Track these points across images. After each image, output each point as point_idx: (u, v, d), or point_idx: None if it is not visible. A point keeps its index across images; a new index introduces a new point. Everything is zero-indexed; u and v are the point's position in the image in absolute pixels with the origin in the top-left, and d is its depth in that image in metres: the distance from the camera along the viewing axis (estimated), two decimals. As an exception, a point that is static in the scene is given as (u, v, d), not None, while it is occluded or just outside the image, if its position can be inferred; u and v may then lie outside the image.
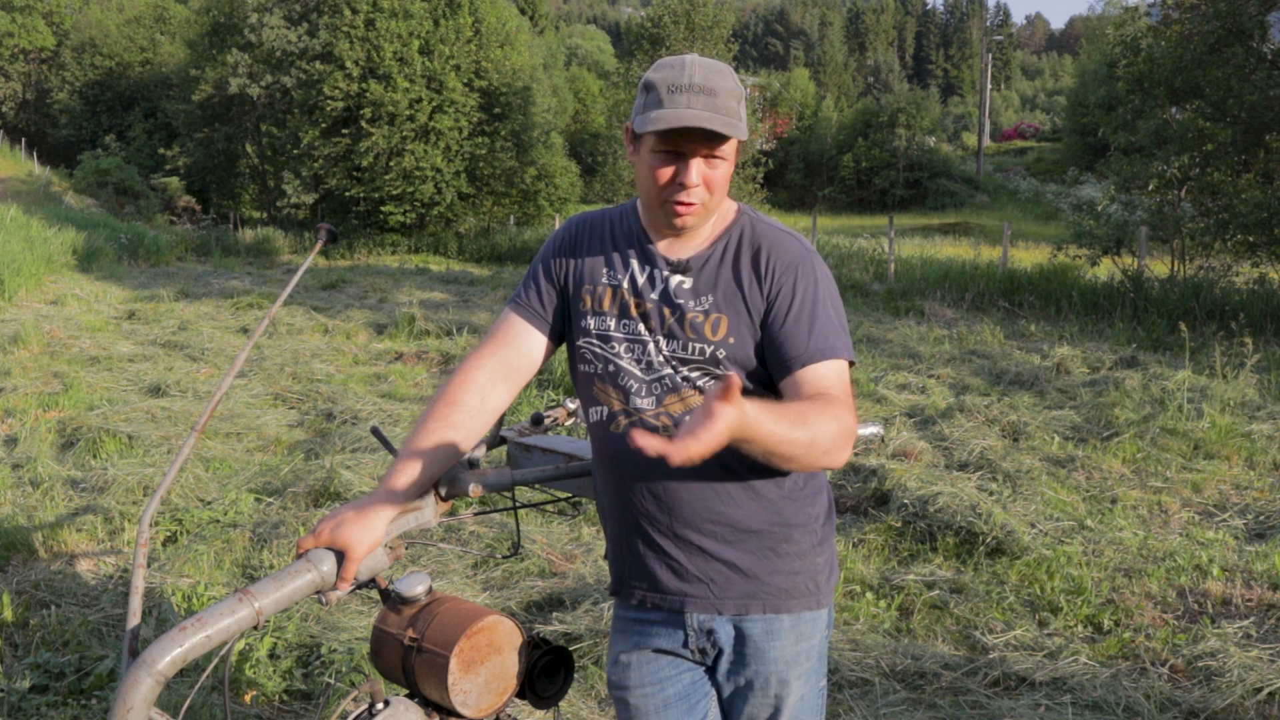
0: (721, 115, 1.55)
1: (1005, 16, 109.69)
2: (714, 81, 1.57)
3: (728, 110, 1.56)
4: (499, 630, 1.65)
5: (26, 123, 46.69)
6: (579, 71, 52.94)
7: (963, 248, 21.33)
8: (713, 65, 1.60)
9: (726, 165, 1.61)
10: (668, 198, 1.61)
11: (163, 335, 10.38)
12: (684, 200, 1.60)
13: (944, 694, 3.36)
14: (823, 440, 1.44)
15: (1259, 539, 4.83)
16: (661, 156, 1.59)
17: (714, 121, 1.53)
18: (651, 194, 1.63)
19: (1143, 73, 13.49)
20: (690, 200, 1.60)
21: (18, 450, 5.98)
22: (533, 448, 2.07)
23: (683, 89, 1.56)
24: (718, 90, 1.56)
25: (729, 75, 1.59)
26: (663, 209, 1.63)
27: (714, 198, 1.62)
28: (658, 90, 1.57)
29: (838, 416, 1.48)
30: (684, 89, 1.55)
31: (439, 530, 4.74)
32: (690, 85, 1.56)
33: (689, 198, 1.59)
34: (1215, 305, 11.35)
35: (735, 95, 1.58)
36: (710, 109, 1.55)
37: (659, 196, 1.62)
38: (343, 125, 28.83)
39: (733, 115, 1.57)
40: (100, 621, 3.72)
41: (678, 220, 1.62)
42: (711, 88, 1.56)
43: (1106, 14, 46.37)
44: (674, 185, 1.59)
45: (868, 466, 5.55)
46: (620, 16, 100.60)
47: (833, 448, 1.46)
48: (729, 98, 1.57)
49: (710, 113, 1.54)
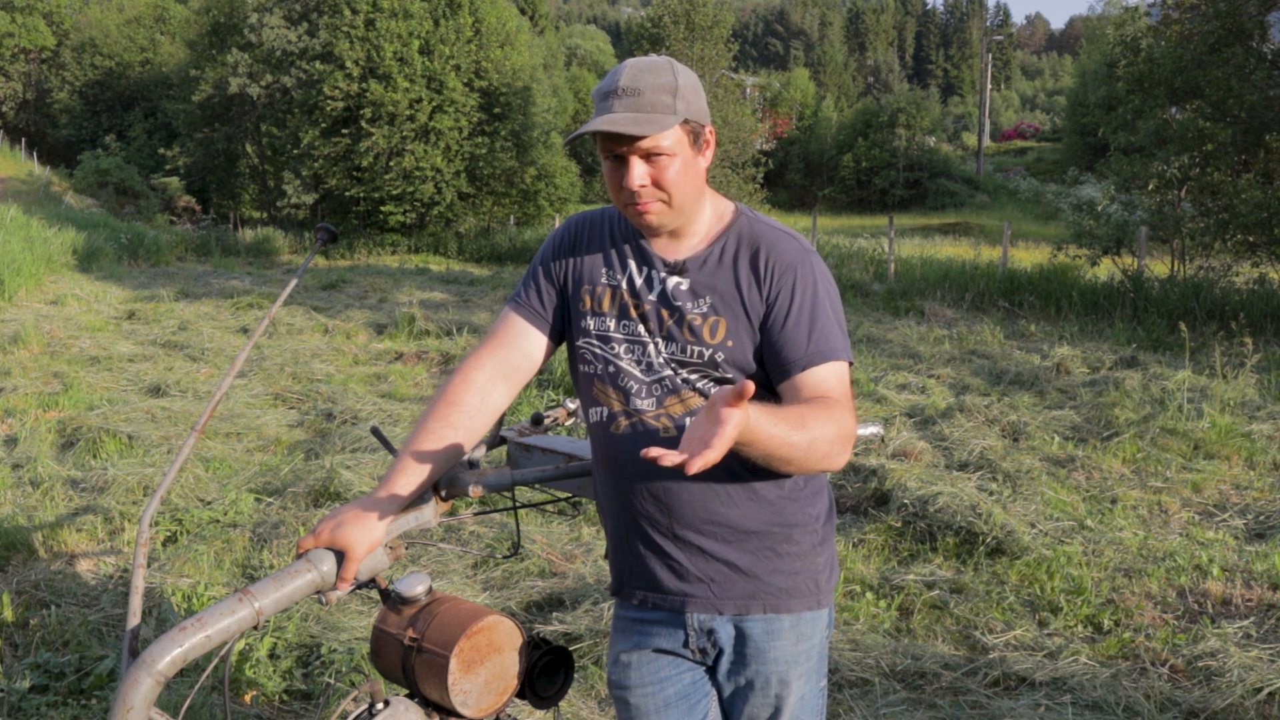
0: (642, 113, 1.53)
1: (1005, 16, 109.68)
2: (641, 80, 1.55)
3: (652, 106, 1.54)
4: (499, 630, 1.65)
5: (26, 123, 46.69)
6: (579, 71, 52.92)
7: (963, 248, 21.32)
8: (646, 64, 1.58)
9: (675, 160, 1.57)
10: (625, 202, 1.61)
11: (163, 335, 10.38)
12: (636, 201, 1.59)
13: (944, 694, 3.36)
14: (821, 444, 1.44)
15: (1259, 539, 4.82)
16: (610, 164, 1.59)
17: (620, 123, 1.52)
18: (614, 200, 1.64)
19: (1143, 73, 13.48)
20: (643, 200, 1.59)
21: (18, 450, 5.98)
22: (533, 448, 2.07)
23: (610, 94, 1.56)
24: (642, 89, 1.54)
25: (663, 70, 1.57)
26: (629, 214, 1.64)
27: (673, 195, 1.59)
28: (597, 99, 1.58)
29: (836, 420, 1.48)
30: (611, 94, 1.55)
31: (439, 530, 4.74)
32: (615, 89, 1.55)
33: (639, 199, 1.58)
34: (1215, 305, 11.35)
35: (667, 89, 1.56)
36: (632, 109, 1.53)
37: (619, 202, 1.63)
38: (343, 125, 28.83)
39: (660, 109, 1.54)
40: (100, 621, 3.72)
41: (642, 221, 1.62)
42: (636, 87, 1.54)
43: (1106, 14, 46.39)
44: (625, 190, 1.58)
45: (868, 466, 5.55)
46: (620, 16, 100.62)
47: (831, 451, 1.46)
48: (657, 93, 1.55)
49: (629, 113, 1.53)
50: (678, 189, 1.59)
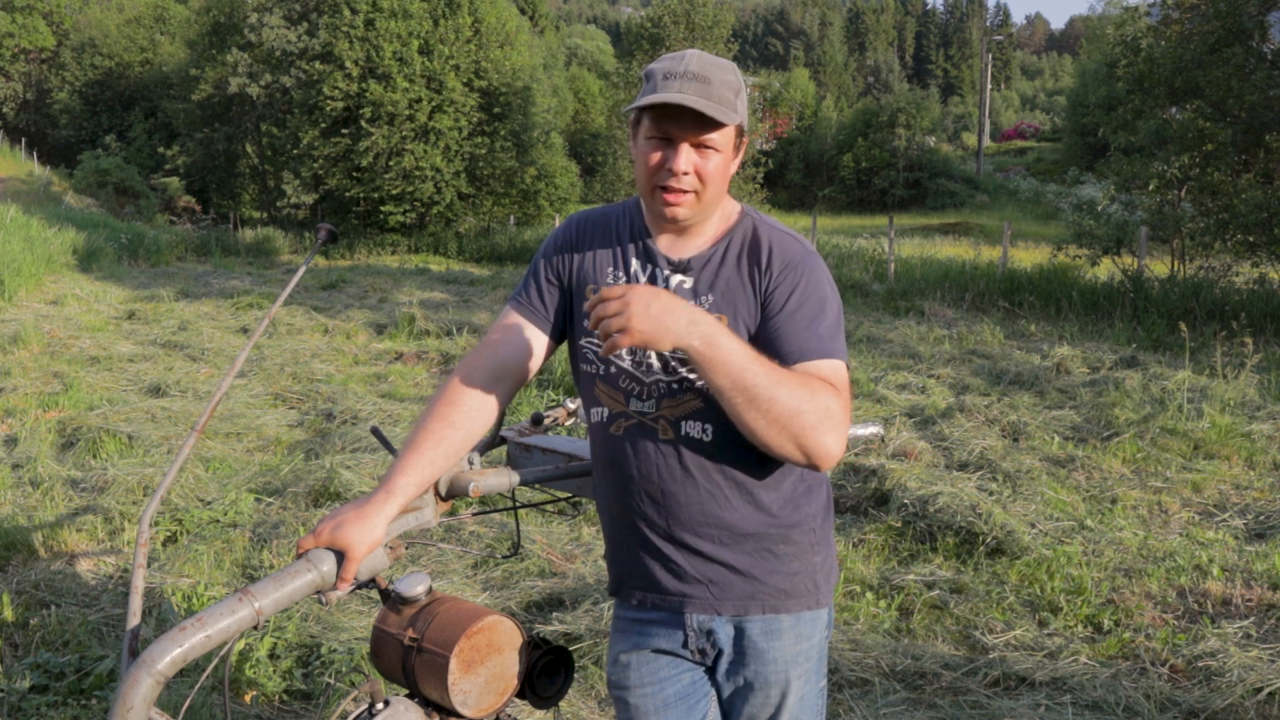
0: (712, 101, 1.54)
1: (1005, 16, 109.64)
2: (710, 72, 1.56)
3: (720, 98, 1.55)
4: (499, 630, 1.65)
5: (27, 123, 46.70)
6: (579, 71, 52.94)
7: (963, 248, 21.31)
8: (713, 59, 1.59)
9: (720, 157, 1.58)
10: (658, 183, 1.59)
11: (163, 335, 10.38)
12: (672, 187, 1.58)
13: (944, 694, 3.36)
14: (788, 401, 1.44)
15: (1259, 539, 4.82)
16: (653, 142, 1.58)
17: (700, 104, 1.52)
18: (644, 181, 1.62)
19: (1143, 73, 13.48)
20: (680, 188, 1.58)
21: (18, 450, 5.98)
22: (533, 448, 2.07)
23: (677, 75, 1.56)
24: (712, 79, 1.56)
25: (729, 69, 1.59)
26: (654, 197, 1.61)
27: (707, 190, 1.59)
28: (655, 77, 1.58)
29: (815, 390, 1.47)
30: (678, 75, 1.56)
31: (439, 530, 4.74)
32: (685, 73, 1.56)
33: (678, 184, 1.57)
34: (1215, 305, 11.35)
35: (732, 87, 1.57)
36: (701, 94, 1.54)
37: (650, 183, 1.60)
38: (343, 125, 28.85)
39: (726, 103, 1.56)
40: (100, 621, 3.72)
41: (668, 210, 1.60)
42: (706, 76, 1.56)
43: (1106, 14, 46.30)
44: (663, 171, 1.58)
45: (868, 466, 5.55)
46: (620, 16, 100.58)
47: (802, 416, 1.45)
48: (724, 88, 1.56)
49: (700, 97, 1.54)
50: (714, 185, 1.60)
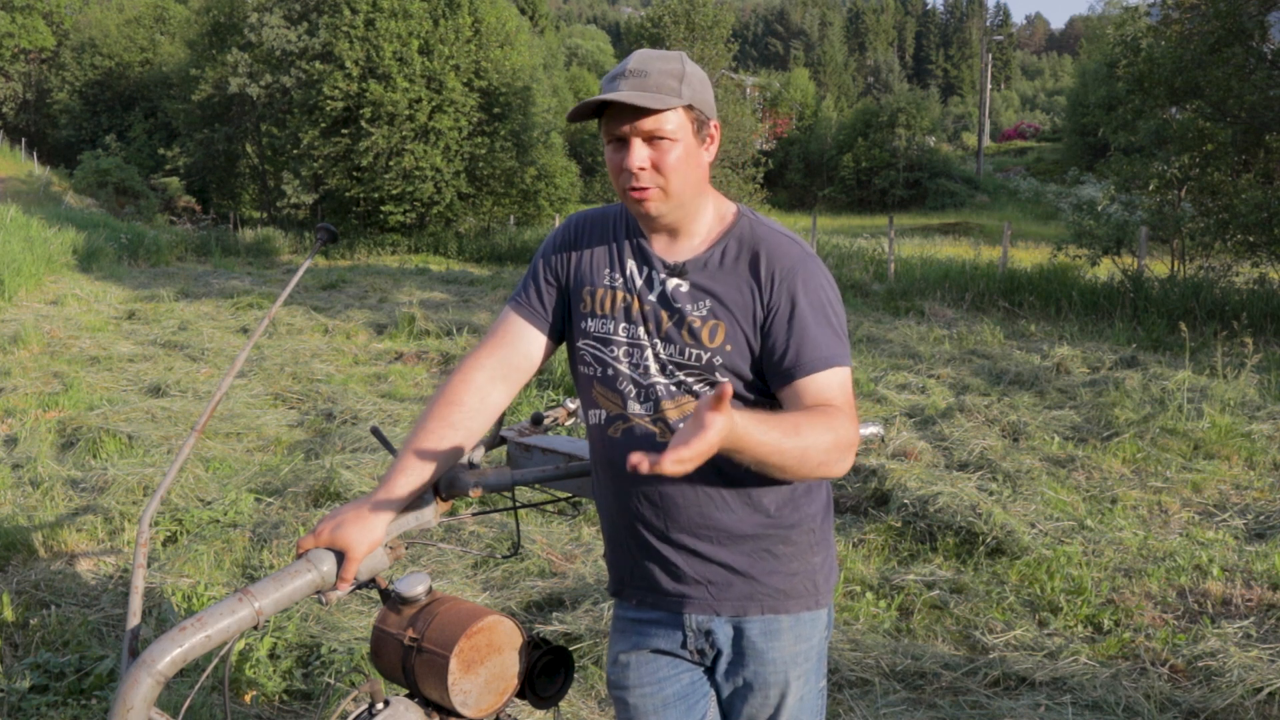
0: (649, 92, 1.54)
1: (1005, 16, 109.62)
2: (649, 65, 1.57)
3: (659, 86, 1.55)
4: (499, 630, 1.65)
5: (27, 123, 46.69)
6: (579, 71, 52.95)
7: (963, 248, 21.31)
8: (657, 53, 1.60)
9: (677, 147, 1.57)
10: (623, 186, 1.60)
11: (163, 335, 10.38)
12: (634, 186, 1.58)
13: (944, 694, 3.36)
14: (816, 451, 1.43)
15: (1259, 539, 4.82)
16: (612, 146, 1.60)
17: (632, 96, 1.52)
18: (615, 186, 1.63)
19: (1143, 73, 13.48)
20: (640, 185, 1.58)
21: (18, 450, 5.98)
22: (533, 448, 2.07)
23: (618, 76, 1.57)
24: (649, 71, 1.56)
25: (673, 59, 1.59)
26: (627, 200, 1.63)
27: (671, 181, 1.58)
28: (603, 85, 1.59)
29: (835, 428, 1.47)
30: (619, 76, 1.57)
31: (439, 530, 4.74)
32: (624, 72, 1.57)
33: (638, 182, 1.58)
34: (1215, 305, 11.35)
35: (674, 74, 1.57)
36: (637, 88, 1.54)
37: (619, 187, 1.62)
38: (342, 125, 28.84)
39: (666, 90, 1.55)
40: (100, 621, 3.72)
41: (638, 208, 1.62)
42: (644, 70, 1.56)
43: (1106, 14, 46.31)
44: (625, 172, 1.58)
45: (868, 466, 5.55)
46: (620, 16, 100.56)
47: (828, 460, 1.45)
48: (663, 76, 1.56)
49: (636, 90, 1.54)
50: (677, 175, 1.58)
